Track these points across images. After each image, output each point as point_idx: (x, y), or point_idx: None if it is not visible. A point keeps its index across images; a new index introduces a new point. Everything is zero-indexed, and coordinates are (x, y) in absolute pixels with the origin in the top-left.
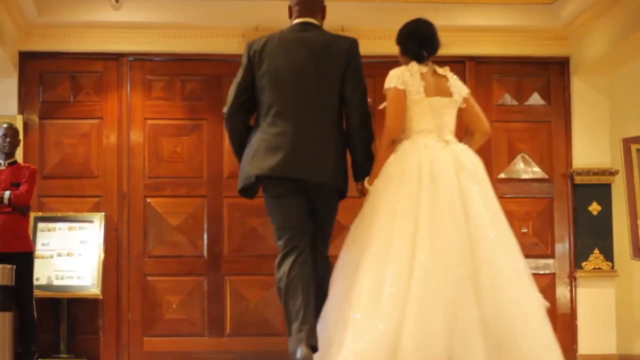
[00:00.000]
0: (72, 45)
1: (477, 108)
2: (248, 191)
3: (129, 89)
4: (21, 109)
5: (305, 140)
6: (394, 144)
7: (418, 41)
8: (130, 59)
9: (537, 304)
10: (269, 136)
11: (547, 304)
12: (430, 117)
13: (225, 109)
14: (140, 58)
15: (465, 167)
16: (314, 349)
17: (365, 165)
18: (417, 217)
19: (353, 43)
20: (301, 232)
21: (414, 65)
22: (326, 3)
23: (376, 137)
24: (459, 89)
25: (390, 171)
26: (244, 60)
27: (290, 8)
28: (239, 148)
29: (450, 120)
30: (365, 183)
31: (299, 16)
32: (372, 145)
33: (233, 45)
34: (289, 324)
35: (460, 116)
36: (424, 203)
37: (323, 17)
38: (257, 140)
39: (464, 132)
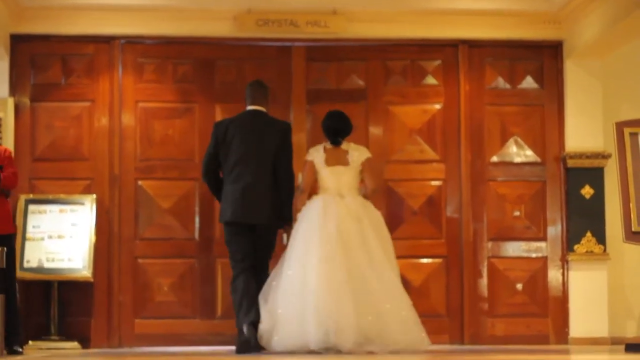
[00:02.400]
0: (63, 28)
1: (370, 172)
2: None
3: (120, 71)
4: (12, 92)
5: (251, 194)
6: (302, 194)
7: (335, 132)
8: (121, 41)
9: (401, 304)
10: (229, 191)
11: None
12: (331, 179)
13: (202, 169)
14: (132, 41)
15: (351, 213)
16: (254, 323)
17: (287, 211)
18: (311, 244)
19: (287, 127)
20: (248, 260)
21: (321, 144)
22: None
23: None
24: (357, 158)
25: (302, 214)
26: (214, 136)
27: (245, 99)
28: (216, 192)
29: (348, 180)
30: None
31: (251, 104)
32: (292, 197)
33: (225, 28)
34: (237, 313)
35: (362, 174)
36: (317, 235)
37: (267, 102)
38: (224, 194)
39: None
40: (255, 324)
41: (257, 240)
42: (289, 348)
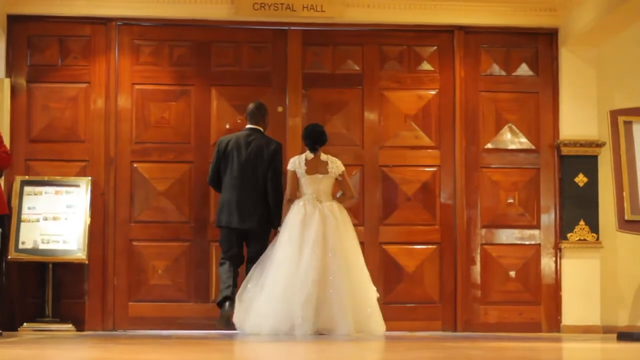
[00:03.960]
0: (60, 9)
1: (348, 180)
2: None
3: (117, 53)
4: (9, 72)
5: (243, 203)
6: (289, 202)
7: (313, 141)
8: (118, 23)
9: (371, 293)
10: (225, 200)
11: (378, 294)
12: (310, 186)
13: (208, 178)
14: (129, 23)
15: (328, 216)
16: (230, 298)
17: (275, 219)
18: (297, 245)
19: (278, 146)
20: (232, 251)
21: (302, 155)
22: None
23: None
24: (335, 169)
25: (287, 218)
26: (215, 150)
27: (245, 117)
28: (219, 191)
29: (325, 187)
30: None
31: (249, 123)
32: (280, 207)
33: (222, 12)
34: (221, 290)
35: (338, 183)
36: (300, 236)
37: (265, 121)
38: (220, 202)
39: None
40: (230, 298)
41: (250, 241)
42: (259, 331)
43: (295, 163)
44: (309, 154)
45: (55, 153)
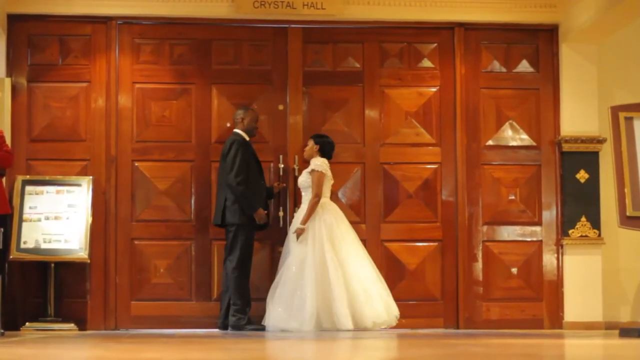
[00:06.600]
0: (60, 8)
1: None
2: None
3: (117, 52)
4: (9, 72)
5: (216, 202)
6: (318, 201)
7: (332, 149)
8: (118, 22)
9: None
10: None
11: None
12: (330, 188)
13: None
14: (129, 21)
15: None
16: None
17: (226, 214)
18: (335, 239)
19: (231, 142)
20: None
21: (323, 159)
22: None
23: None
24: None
25: (323, 217)
26: None
27: None
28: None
29: None
30: (299, 224)
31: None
32: (240, 197)
33: (223, 10)
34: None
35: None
36: (340, 233)
37: (244, 122)
38: None
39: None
40: (226, 309)
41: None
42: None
43: (325, 167)
44: (325, 160)
45: (56, 152)
